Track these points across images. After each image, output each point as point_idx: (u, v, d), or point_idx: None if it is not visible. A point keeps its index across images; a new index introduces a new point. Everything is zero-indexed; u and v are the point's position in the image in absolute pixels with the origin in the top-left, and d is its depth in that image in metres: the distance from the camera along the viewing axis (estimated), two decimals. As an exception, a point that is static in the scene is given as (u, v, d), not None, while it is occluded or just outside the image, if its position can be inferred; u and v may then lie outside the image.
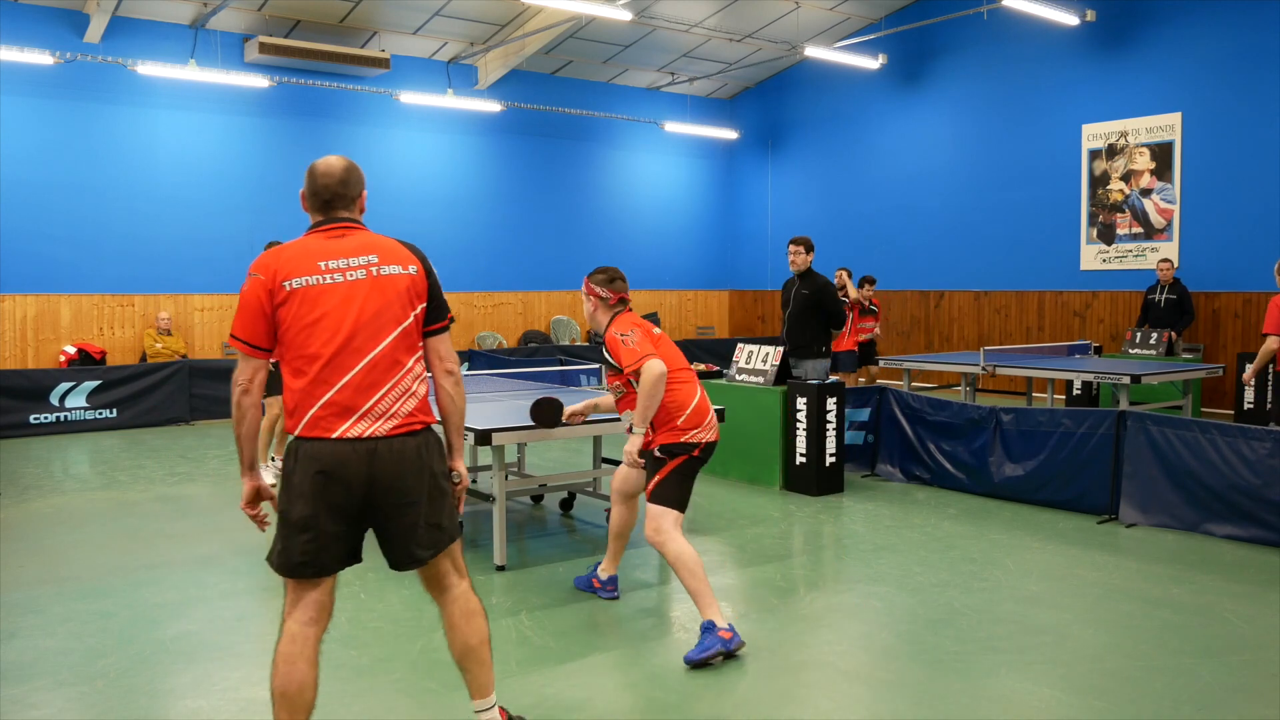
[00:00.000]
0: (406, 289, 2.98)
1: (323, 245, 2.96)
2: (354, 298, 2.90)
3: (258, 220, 13.55)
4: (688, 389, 4.47)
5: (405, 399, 2.94)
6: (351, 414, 2.87)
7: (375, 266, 2.96)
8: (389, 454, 2.89)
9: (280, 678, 2.94)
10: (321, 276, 2.89)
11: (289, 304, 2.86)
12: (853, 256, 15.94)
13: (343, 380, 2.86)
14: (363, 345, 2.89)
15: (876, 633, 4.49)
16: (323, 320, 2.87)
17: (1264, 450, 5.86)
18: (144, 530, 6.50)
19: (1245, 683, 3.89)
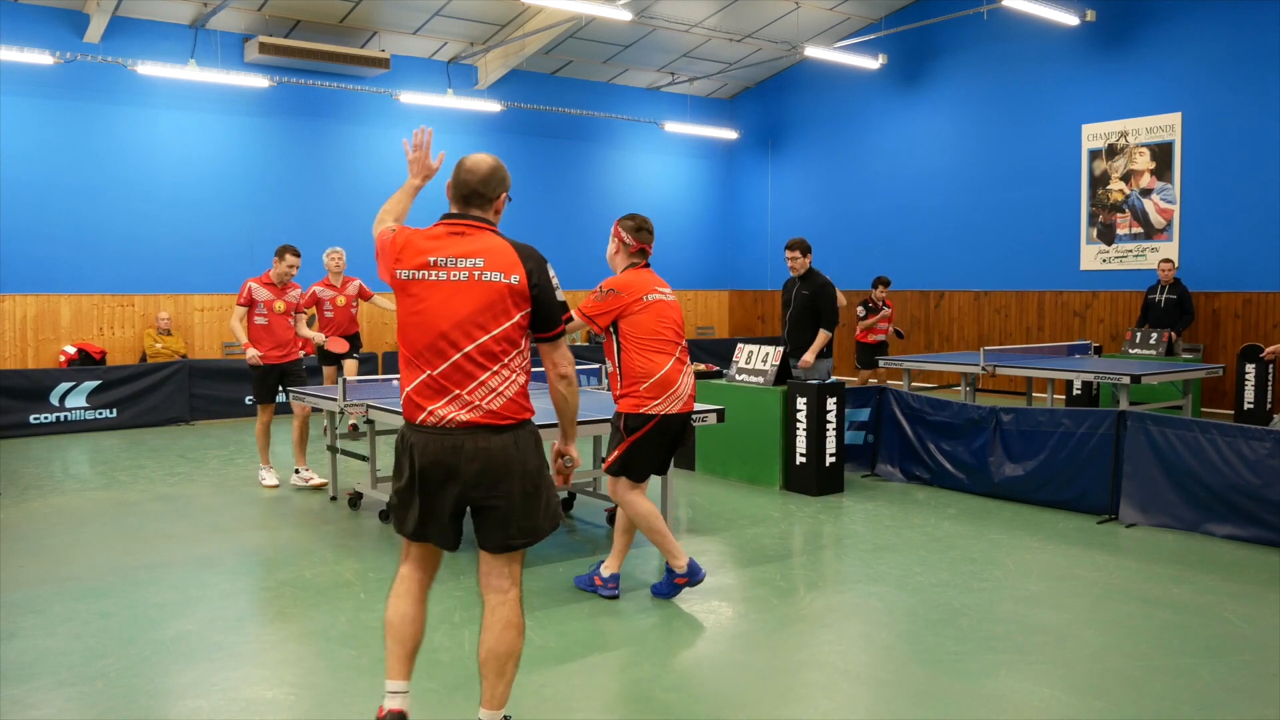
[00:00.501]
0: (504, 295, 3.07)
1: (440, 240, 3.14)
2: (453, 297, 3.05)
3: (258, 220, 13.56)
4: (658, 359, 4.73)
5: (491, 397, 3.05)
6: (435, 401, 3.05)
7: (480, 271, 3.07)
8: (473, 450, 3.02)
9: (389, 610, 3.24)
10: (428, 272, 3.09)
11: (401, 290, 3.13)
12: (853, 256, 15.95)
13: (434, 371, 3.05)
14: (456, 342, 3.04)
15: (876, 633, 4.49)
16: (422, 314, 3.06)
17: (1264, 450, 5.86)
18: (144, 530, 6.50)
19: (1245, 683, 3.89)
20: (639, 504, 4.82)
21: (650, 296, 4.80)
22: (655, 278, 4.91)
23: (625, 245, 4.93)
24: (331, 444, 7.36)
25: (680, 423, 4.81)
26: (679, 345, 4.82)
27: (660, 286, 4.88)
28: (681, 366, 4.80)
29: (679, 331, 4.87)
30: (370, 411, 6.35)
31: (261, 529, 6.50)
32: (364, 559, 5.72)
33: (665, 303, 4.86)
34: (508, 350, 3.08)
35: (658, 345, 4.73)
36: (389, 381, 7.07)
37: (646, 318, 4.75)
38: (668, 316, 4.81)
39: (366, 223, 3.14)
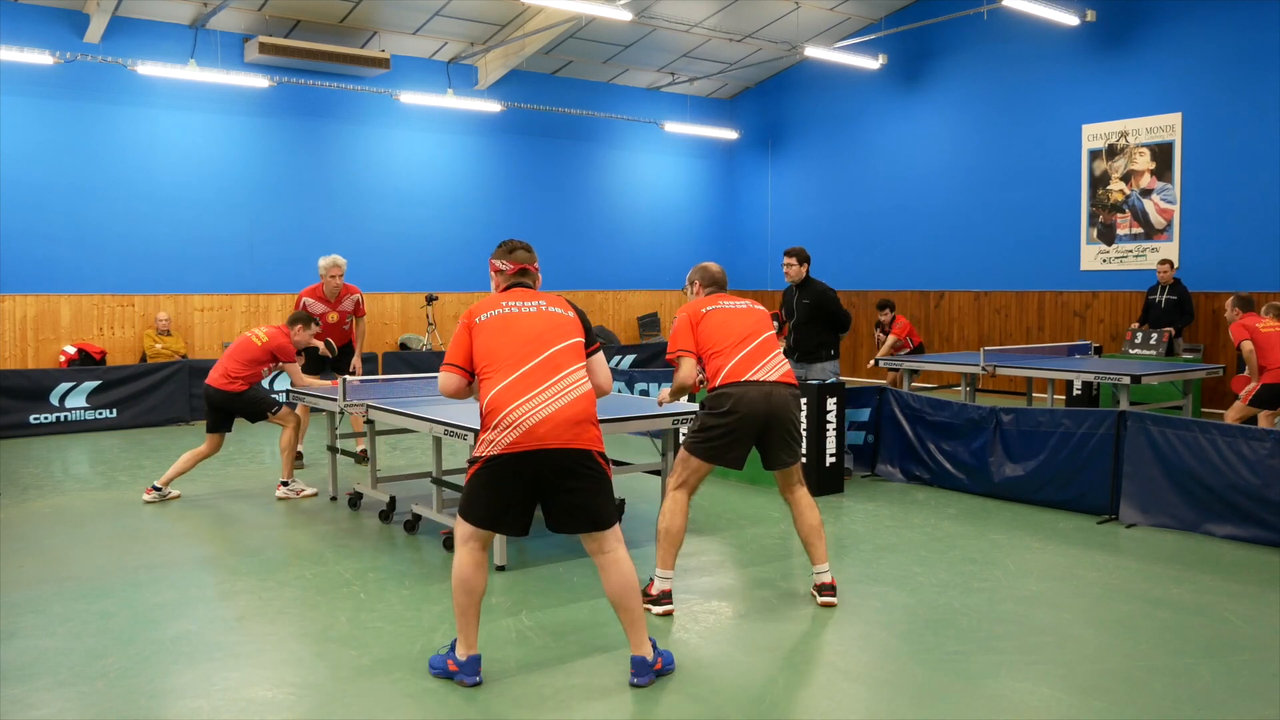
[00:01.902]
0: (764, 315, 4.90)
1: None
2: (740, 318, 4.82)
3: (257, 220, 13.57)
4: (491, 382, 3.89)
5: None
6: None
7: (750, 305, 4.86)
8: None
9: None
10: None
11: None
12: (852, 257, 15.96)
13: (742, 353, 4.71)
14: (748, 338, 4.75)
15: (876, 633, 4.49)
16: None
17: (1264, 450, 5.86)
18: (144, 530, 6.51)
19: (1245, 683, 3.89)
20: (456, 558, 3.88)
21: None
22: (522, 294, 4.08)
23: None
24: (331, 444, 7.36)
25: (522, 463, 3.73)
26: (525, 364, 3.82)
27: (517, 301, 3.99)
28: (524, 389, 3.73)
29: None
30: (370, 411, 6.34)
31: (261, 529, 6.50)
32: (364, 559, 5.72)
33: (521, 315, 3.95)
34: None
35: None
36: (390, 382, 7.08)
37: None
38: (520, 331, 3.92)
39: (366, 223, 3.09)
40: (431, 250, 14.97)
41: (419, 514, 6.31)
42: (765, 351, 4.79)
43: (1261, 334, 8.32)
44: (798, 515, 4.82)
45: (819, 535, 4.79)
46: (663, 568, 4.73)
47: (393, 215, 14.58)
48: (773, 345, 4.87)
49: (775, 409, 4.65)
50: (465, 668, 3.86)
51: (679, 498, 4.74)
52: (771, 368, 4.75)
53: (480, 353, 3.82)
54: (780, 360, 4.83)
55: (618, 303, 17.03)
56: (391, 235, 14.54)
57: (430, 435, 5.86)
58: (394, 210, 14.60)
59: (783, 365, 4.82)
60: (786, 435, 4.73)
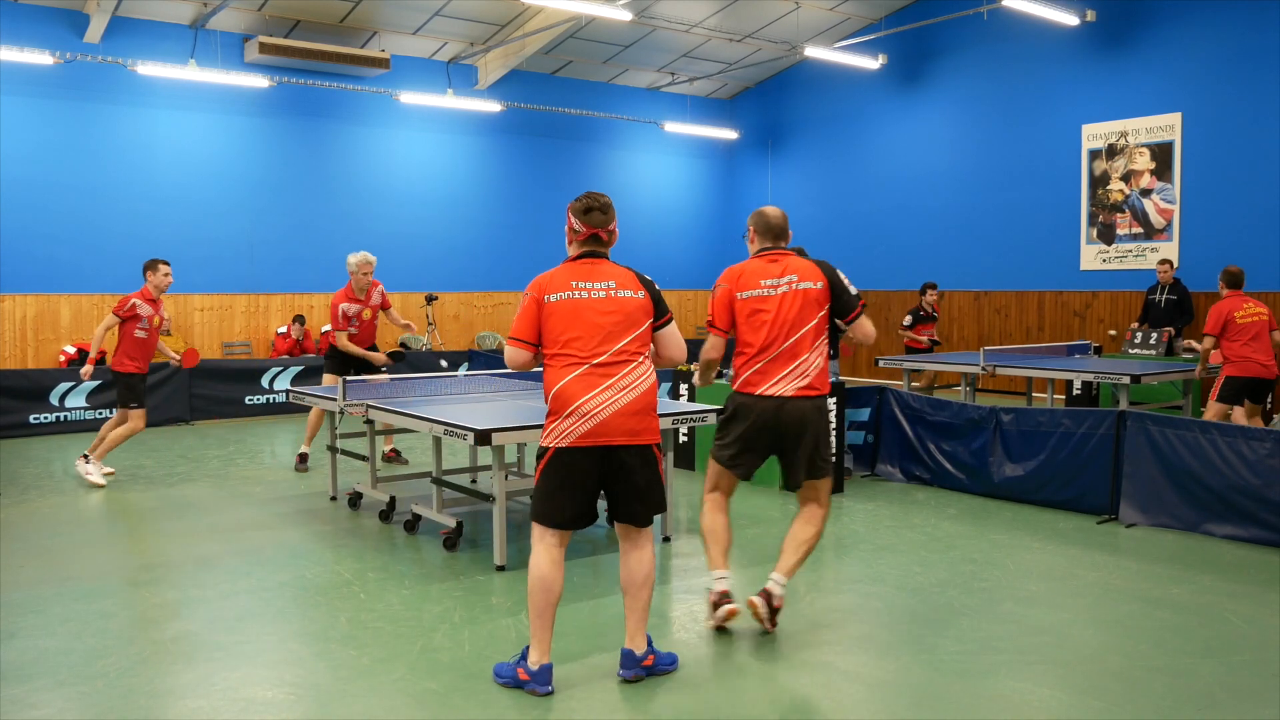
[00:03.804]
0: (814, 299, 4.33)
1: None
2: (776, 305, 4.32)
3: (258, 220, 13.57)
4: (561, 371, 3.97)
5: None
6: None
7: (794, 284, 4.33)
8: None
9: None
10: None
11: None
12: (852, 257, 15.94)
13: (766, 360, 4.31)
14: (778, 339, 4.31)
15: (876, 633, 4.49)
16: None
17: (1264, 450, 5.86)
18: (144, 530, 6.50)
19: (1245, 683, 3.89)
20: (532, 561, 3.85)
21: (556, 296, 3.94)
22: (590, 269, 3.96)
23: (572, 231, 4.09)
24: (331, 444, 7.35)
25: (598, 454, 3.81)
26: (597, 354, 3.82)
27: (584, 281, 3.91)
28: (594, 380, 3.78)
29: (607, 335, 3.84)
30: (370, 411, 6.34)
31: (261, 529, 6.50)
32: (364, 559, 5.72)
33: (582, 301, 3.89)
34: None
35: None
36: (390, 382, 7.07)
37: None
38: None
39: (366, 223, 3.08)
40: (431, 250, 14.97)
41: (419, 514, 6.31)
42: (794, 356, 4.29)
43: (1236, 323, 7.83)
44: (794, 522, 4.56)
45: (795, 549, 4.45)
46: (713, 568, 4.55)
47: (393, 215, 14.58)
48: (809, 344, 4.32)
49: (787, 425, 4.32)
50: (537, 676, 3.76)
51: (711, 499, 4.64)
52: (793, 377, 4.28)
53: (550, 335, 3.85)
54: (808, 367, 4.31)
55: (618, 303, 17.01)
56: (391, 235, 14.53)
57: (430, 435, 5.86)
58: (394, 210, 14.59)
59: (809, 374, 4.31)
60: (803, 453, 4.36)
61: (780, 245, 4.51)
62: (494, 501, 5.51)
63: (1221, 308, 7.97)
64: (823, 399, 4.39)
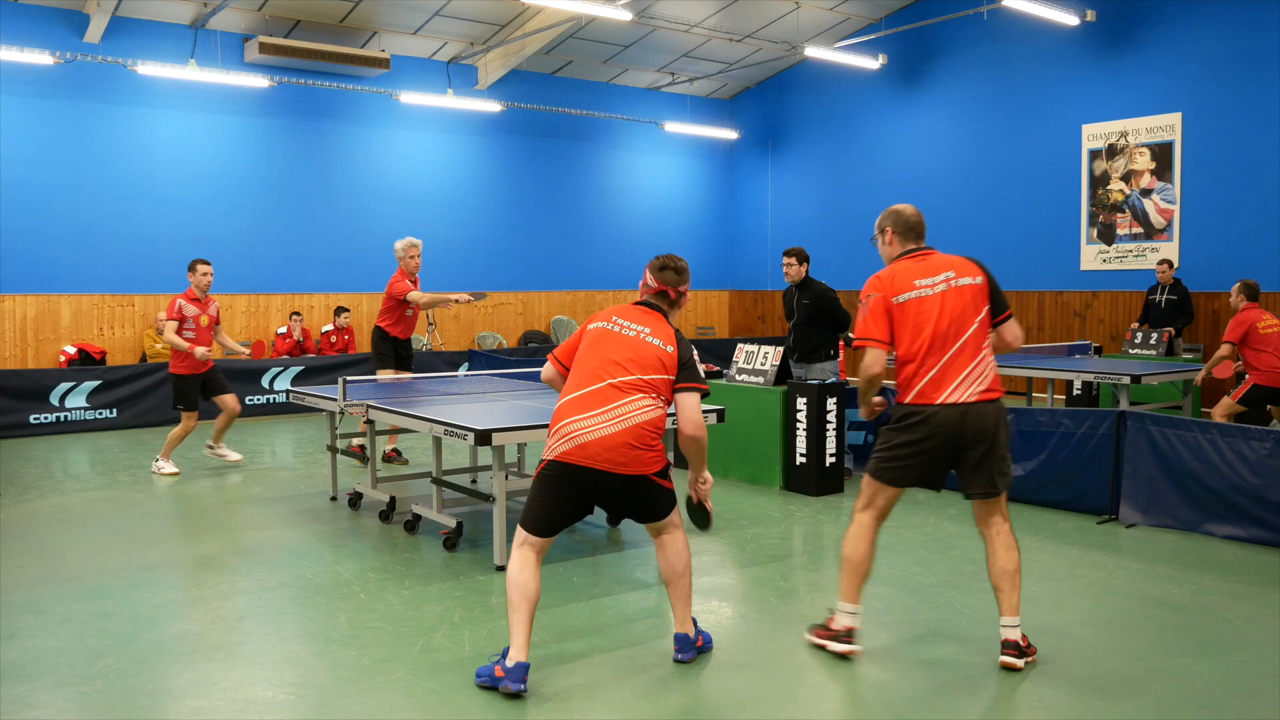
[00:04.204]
0: (974, 296, 4.07)
1: (916, 267, 4.07)
2: (939, 305, 4.00)
3: (257, 220, 13.57)
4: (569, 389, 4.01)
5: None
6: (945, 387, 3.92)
7: (952, 280, 4.07)
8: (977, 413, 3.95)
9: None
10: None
11: (902, 312, 3.97)
12: (852, 257, 15.93)
13: (939, 364, 3.96)
14: (948, 340, 3.98)
15: (876, 633, 4.49)
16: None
17: (1264, 450, 5.85)
18: (144, 530, 6.50)
19: (1245, 683, 3.89)
20: (512, 569, 3.91)
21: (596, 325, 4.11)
22: (629, 310, 4.11)
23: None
24: (331, 444, 7.36)
25: (567, 470, 3.85)
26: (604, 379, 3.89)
27: (623, 319, 4.04)
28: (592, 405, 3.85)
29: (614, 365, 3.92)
30: (370, 411, 6.34)
31: (261, 529, 6.50)
32: (364, 559, 5.72)
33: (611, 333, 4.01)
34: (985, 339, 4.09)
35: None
36: (390, 382, 7.07)
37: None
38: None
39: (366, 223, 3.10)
40: (431, 250, 14.85)
41: (419, 514, 6.31)
42: (969, 359, 3.97)
43: (1259, 333, 8.27)
44: (991, 554, 4.06)
45: (1013, 582, 4.01)
46: (844, 599, 4.13)
47: (393, 215, 14.57)
48: (978, 344, 4.01)
49: (972, 433, 3.94)
50: (511, 674, 3.74)
51: (863, 521, 4.15)
52: (973, 380, 3.95)
53: (576, 357, 4.05)
54: (985, 368, 4.00)
55: (618, 303, 16.98)
56: (391, 235, 14.43)
57: (430, 435, 5.86)
58: (394, 210, 14.59)
59: (987, 376, 4.00)
60: (987, 460, 3.97)
61: (923, 244, 4.23)
62: (494, 501, 5.51)
63: (1244, 318, 8.33)
64: (1002, 402, 4.07)
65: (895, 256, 4.22)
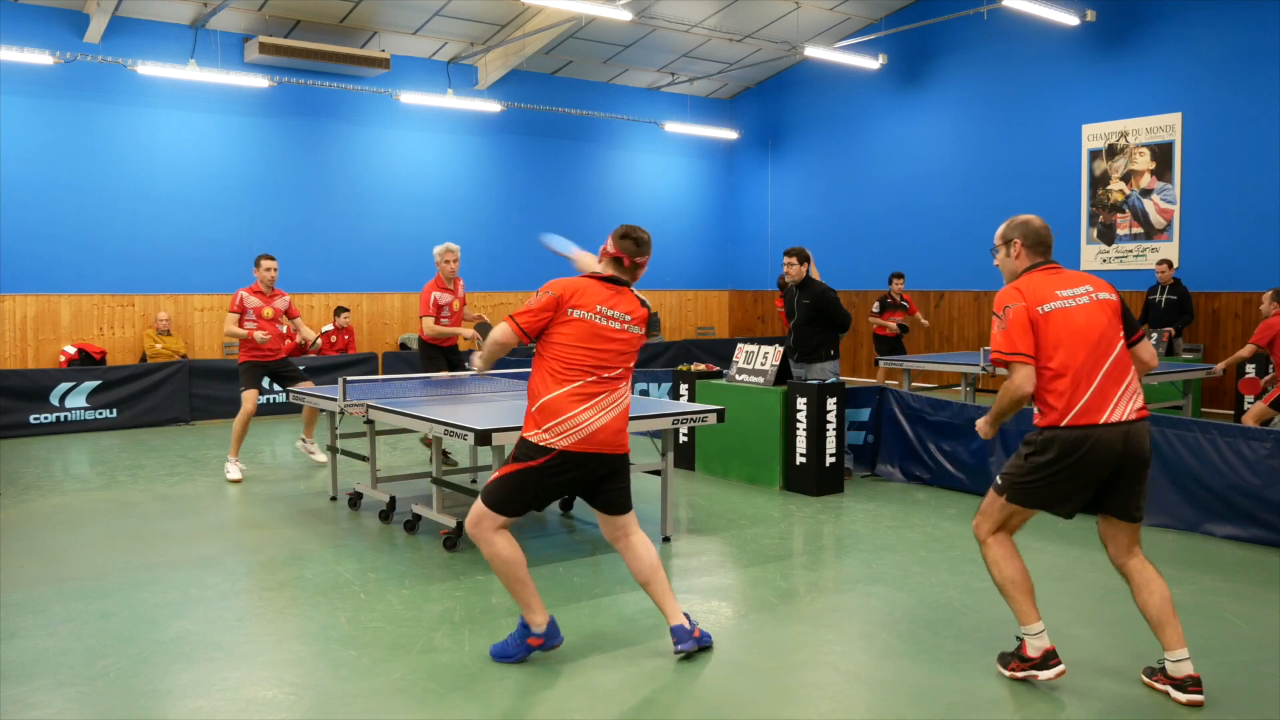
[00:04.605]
0: (1115, 311, 3.82)
1: (1052, 278, 3.80)
2: (1087, 317, 3.72)
3: (257, 220, 13.57)
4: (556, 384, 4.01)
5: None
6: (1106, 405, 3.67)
7: (1092, 294, 3.80)
8: (1136, 435, 3.69)
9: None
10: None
11: (1048, 322, 3.69)
12: (853, 257, 15.95)
13: (1096, 380, 3.68)
14: (1102, 354, 3.71)
15: (876, 633, 4.49)
16: (1075, 334, 3.69)
17: (1264, 450, 5.86)
18: (144, 530, 6.50)
19: (1245, 683, 3.89)
20: (500, 548, 4.03)
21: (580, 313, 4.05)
22: (609, 296, 4.11)
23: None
24: (331, 444, 7.36)
25: (573, 464, 4.00)
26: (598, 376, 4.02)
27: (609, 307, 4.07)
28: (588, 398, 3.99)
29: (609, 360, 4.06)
30: (370, 411, 6.34)
31: (261, 529, 6.50)
32: (364, 559, 5.72)
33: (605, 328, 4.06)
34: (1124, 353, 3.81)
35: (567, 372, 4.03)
36: (388, 381, 7.07)
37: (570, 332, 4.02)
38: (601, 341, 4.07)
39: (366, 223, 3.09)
40: (431, 250, 14.95)
41: (419, 514, 6.31)
42: (1121, 374, 3.71)
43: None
44: (1144, 583, 3.76)
45: (1173, 611, 3.75)
46: (1024, 623, 3.85)
47: (393, 215, 14.58)
48: (1127, 360, 3.77)
49: (1132, 453, 3.67)
50: (549, 634, 4.10)
51: (997, 542, 3.86)
52: (1128, 397, 3.69)
53: (558, 343, 4.01)
54: (1136, 385, 3.76)
55: (618, 303, 17.02)
56: (391, 235, 14.54)
57: (430, 435, 5.86)
58: (394, 210, 14.59)
59: (1139, 393, 3.75)
60: (1140, 483, 3.74)
61: (1050, 258, 3.89)
62: (494, 501, 5.50)
63: (1274, 324, 8.34)
64: (1149, 424, 3.81)
65: (1021, 271, 3.85)
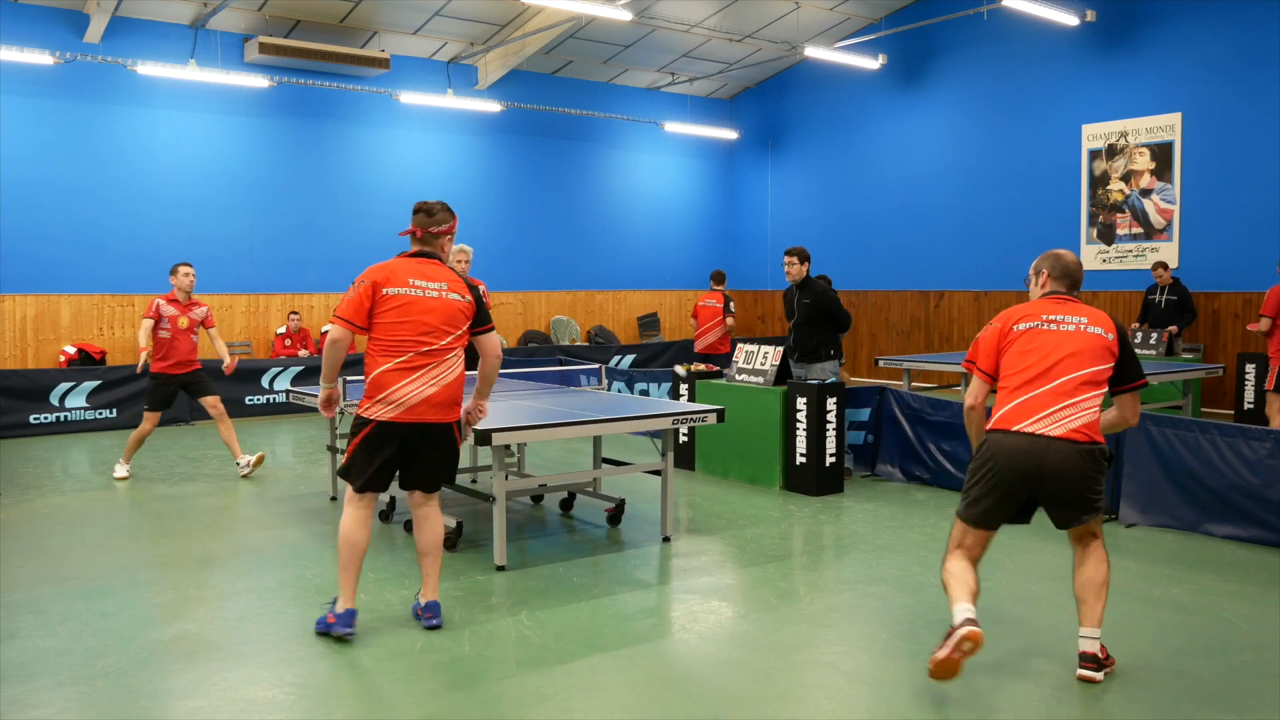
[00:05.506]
0: (1103, 347, 3.88)
1: (1052, 304, 4.00)
2: (1061, 339, 3.88)
3: (258, 220, 13.57)
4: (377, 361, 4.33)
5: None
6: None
7: (1084, 325, 3.92)
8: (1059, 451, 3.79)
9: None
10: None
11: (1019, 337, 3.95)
12: (852, 257, 15.96)
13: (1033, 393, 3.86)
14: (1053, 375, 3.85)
15: (876, 633, 4.49)
16: (1033, 348, 3.91)
17: (1264, 450, 5.86)
18: (144, 530, 6.50)
19: (1245, 683, 3.89)
20: (345, 523, 4.39)
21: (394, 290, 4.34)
22: (417, 268, 4.38)
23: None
24: (331, 444, 7.36)
25: (398, 430, 4.28)
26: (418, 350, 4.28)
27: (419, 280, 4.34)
28: (401, 370, 4.26)
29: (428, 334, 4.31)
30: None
31: (261, 529, 6.50)
32: (364, 559, 5.71)
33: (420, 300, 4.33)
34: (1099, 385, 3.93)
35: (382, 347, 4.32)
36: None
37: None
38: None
39: (367, 223, 3.07)
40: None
41: (419, 514, 6.30)
42: (1069, 395, 3.79)
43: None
44: (1079, 564, 3.98)
45: (1098, 594, 3.89)
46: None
47: (393, 215, 14.56)
48: (1086, 388, 3.81)
49: (1047, 468, 3.76)
50: (341, 619, 4.32)
51: (950, 559, 3.98)
52: (1062, 418, 3.77)
53: (382, 323, 4.29)
54: (1083, 409, 3.79)
55: (618, 303, 17.03)
56: (391, 235, 14.48)
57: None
58: (394, 210, 14.57)
59: (1082, 416, 3.78)
60: (1065, 499, 3.83)
61: (1070, 293, 4.06)
62: (494, 501, 5.51)
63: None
64: (1094, 447, 3.81)
65: (1037, 297, 4.09)
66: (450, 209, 4.58)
